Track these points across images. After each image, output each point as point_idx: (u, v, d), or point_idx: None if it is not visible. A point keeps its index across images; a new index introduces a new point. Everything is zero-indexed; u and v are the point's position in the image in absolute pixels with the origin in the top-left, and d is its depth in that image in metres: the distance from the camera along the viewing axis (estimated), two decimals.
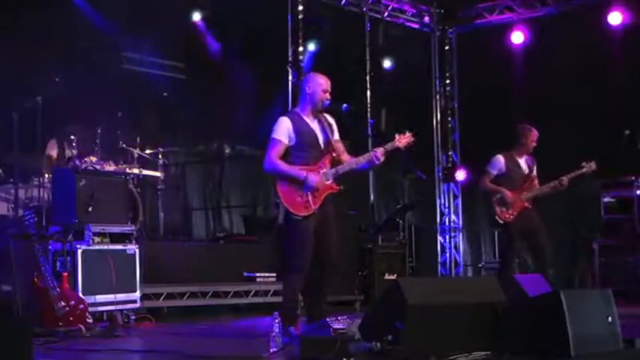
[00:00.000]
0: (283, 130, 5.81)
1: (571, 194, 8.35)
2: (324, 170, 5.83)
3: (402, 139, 5.90)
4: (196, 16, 10.69)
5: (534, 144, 7.77)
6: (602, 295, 4.80)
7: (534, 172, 7.82)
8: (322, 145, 5.91)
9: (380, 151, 5.81)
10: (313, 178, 5.73)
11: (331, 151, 5.91)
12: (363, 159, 5.86)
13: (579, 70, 10.62)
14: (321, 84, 5.91)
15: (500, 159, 7.79)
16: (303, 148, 5.83)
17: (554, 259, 7.80)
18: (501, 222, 7.66)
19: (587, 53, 10.56)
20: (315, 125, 5.92)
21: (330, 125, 5.98)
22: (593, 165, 7.58)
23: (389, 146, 5.87)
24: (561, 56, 10.73)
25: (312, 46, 10.45)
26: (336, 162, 5.89)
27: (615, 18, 10.63)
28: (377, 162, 5.80)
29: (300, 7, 10.11)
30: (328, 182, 5.83)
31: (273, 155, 5.78)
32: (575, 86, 10.73)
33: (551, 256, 7.65)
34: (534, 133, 7.77)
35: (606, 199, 10.30)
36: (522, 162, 7.81)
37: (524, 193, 7.67)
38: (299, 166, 5.80)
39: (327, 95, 5.89)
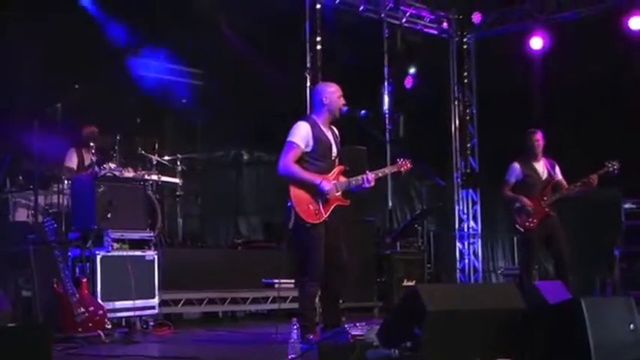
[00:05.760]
0: (302, 134, 5.80)
1: (591, 201, 8.27)
2: (335, 182, 5.84)
3: (404, 165, 6.12)
4: (219, 22, 10.75)
5: (541, 143, 7.68)
6: (624, 302, 4.74)
7: (557, 176, 7.73)
8: (334, 157, 5.92)
9: (372, 176, 5.86)
10: (327, 185, 5.75)
11: (342, 164, 5.93)
12: (354, 181, 5.88)
13: (599, 76, 10.54)
14: (334, 91, 5.94)
15: (516, 166, 7.75)
16: (318, 156, 5.83)
17: (575, 267, 7.71)
18: (522, 230, 7.58)
19: (607, 59, 10.48)
20: (329, 135, 5.93)
21: (338, 138, 6.00)
22: (616, 164, 7.47)
23: (381, 172, 6.07)
24: (581, 62, 10.65)
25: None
26: (345, 175, 5.92)
27: (636, 23, 10.54)
28: (367, 185, 5.89)
29: (318, 14, 10.13)
30: (338, 194, 5.83)
31: (288, 159, 5.76)
32: (596, 92, 10.65)
33: (572, 263, 7.57)
34: (536, 134, 7.71)
35: (627, 206, 10.20)
36: (540, 167, 7.73)
37: (545, 198, 7.59)
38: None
39: (343, 100, 5.91)
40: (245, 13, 10.35)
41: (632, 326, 4.60)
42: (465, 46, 12.17)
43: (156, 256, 7.14)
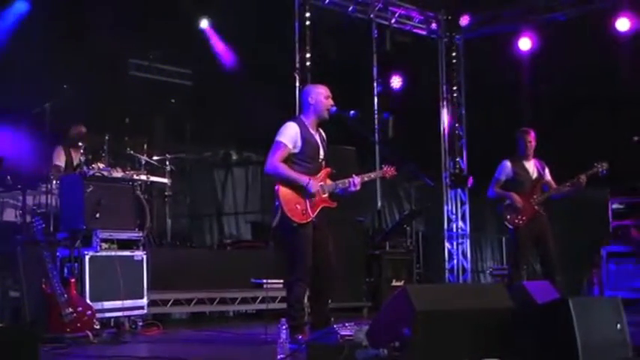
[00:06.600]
0: (290, 134, 5.80)
1: (579, 201, 8.30)
2: (322, 183, 5.84)
3: (389, 171, 6.13)
4: (204, 24, 10.78)
5: (533, 144, 7.72)
6: (610, 302, 4.77)
7: (547, 176, 7.78)
8: (321, 158, 5.92)
9: (358, 180, 5.88)
10: (315, 185, 5.75)
11: (328, 167, 5.94)
12: (341, 184, 5.90)
13: (587, 77, 10.60)
14: (321, 92, 5.93)
15: (507, 164, 7.78)
16: (306, 157, 5.83)
17: (563, 266, 7.75)
18: (511, 227, 7.63)
19: (595, 60, 10.54)
20: (317, 137, 5.94)
21: (325, 141, 6.01)
22: (605, 165, 7.51)
23: (367, 176, 6.06)
24: (569, 63, 10.71)
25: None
26: (332, 178, 5.93)
27: (623, 24, 10.61)
28: (352, 189, 5.90)
29: (307, 14, 10.14)
30: (325, 195, 5.84)
31: (276, 158, 5.75)
32: (583, 93, 10.71)
33: (560, 262, 7.61)
34: (529, 134, 7.74)
35: (614, 206, 10.26)
36: (530, 166, 7.77)
37: (535, 197, 7.63)
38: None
39: (331, 101, 5.91)
40: (233, 13, 10.36)
41: (619, 326, 4.63)
42: (453, 47, 12.20)
43: (144, 256, 7.13)
